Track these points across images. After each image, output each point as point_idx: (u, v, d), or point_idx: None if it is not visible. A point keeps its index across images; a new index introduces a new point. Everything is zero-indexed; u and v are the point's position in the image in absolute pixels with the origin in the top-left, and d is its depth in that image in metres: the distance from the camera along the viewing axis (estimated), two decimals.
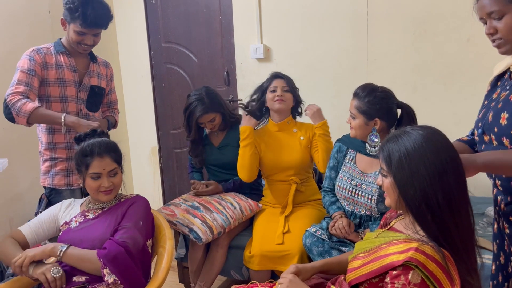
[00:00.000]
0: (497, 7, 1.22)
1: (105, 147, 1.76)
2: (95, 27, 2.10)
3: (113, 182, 1.76)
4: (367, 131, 1.87)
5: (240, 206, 2.31)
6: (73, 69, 2.20)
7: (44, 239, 1.83)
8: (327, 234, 1.97)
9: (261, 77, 2.94)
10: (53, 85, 2.15)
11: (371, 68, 2.80)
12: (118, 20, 3.66)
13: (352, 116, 1.89)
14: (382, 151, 1.21)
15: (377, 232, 1.33)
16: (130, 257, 1.61)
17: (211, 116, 2.41)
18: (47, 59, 2.14)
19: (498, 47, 1.30)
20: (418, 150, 1.13)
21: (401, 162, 1.14)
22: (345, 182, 1.99)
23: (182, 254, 2.43)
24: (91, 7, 2.04)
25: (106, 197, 1.78)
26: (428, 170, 1.11)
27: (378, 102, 1.82)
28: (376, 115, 1.83)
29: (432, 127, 1.21)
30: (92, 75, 2.27)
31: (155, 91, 3.68)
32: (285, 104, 2.27)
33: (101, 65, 2.34)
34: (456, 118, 2.56)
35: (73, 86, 2.20)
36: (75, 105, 2.21)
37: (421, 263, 1.05)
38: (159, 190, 3.84)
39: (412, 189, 1.13)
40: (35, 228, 1.79)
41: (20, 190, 2.90)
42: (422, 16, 2.60)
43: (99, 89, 2.31)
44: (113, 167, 1.76)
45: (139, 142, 3.84)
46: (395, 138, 1.19)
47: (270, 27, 3.06)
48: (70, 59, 2.20)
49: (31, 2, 2.94)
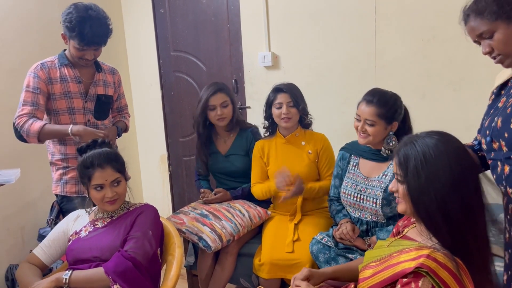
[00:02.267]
0: (485, 27, 1.27)
1: (106, 158, 1.75)
2: (93, 45, 2.09)
3: (116, 192, 1.76)
4: (385, 136, 1.88)
5: (249, 213, 2.30)
6: (78, 81, 2.21)
7: (59, 257, 1.84)
8: (333, 242, 1.96)
9: (269, 84, 2.95)
10: (60, 99, 2.18)
11: (380, 74, 2.79)
12: (128, 29, 3.71)
13: (369, 123, 1.85)
14: (397, 156, 1.18)
15: (389, 241, 1.31)
16: (139, 270, 1.61)
17: (224, 98, 2.39)
18: (51, 74, 2.16)
19: (501, 62, 1.32)
20: (438, 157, 1.09)
21: (417, 169, 1.11)
22: (350, 188, 1.98)
23: (191, 262, 2.43)
24: (89, 25, 2.02)
25: (112, 207, 1.78)
26: (448, 177, 1.07)
27: (396, 105, 1.85)
28: (395, 118, 1.85)
29: (447, 133, 1.18)
30: (98, 84, 2.29)
31: (164, 99, 3.71)
32: (291, 121, 2.26)
33: (107, 73, 2.35)
34: (466, 124, 2.53)
35: (79, 97, 2.21)
36: (82, 116, 2.23)
37: (432, 270, 1.03)
38: (168, 198, 3.85)
39: (427, 198, 1.09)
40: (47, 249, 1.81)
41: (32, 199, 2.93)
42: (431, 23, 2.59)
43: (105, 97, 2.32)
44: (115, 177, 1.75)
45: (148, 150, 3.86)
46: (412, 144, 1.15)
47: (278, 34, 3.07)
48: (74, 70, 2.21)
49: (43, 12, 2.99)
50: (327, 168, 2.29)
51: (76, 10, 2.03)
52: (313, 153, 2.29)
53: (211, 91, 2.38)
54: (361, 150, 2.00)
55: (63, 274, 1.60)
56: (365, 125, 1.86)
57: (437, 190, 1.08)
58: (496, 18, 1.25)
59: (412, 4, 2.63)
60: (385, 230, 1.88)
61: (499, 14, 1.25)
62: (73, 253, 1.72)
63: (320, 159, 2.30)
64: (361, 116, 1.86)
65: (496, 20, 1.25)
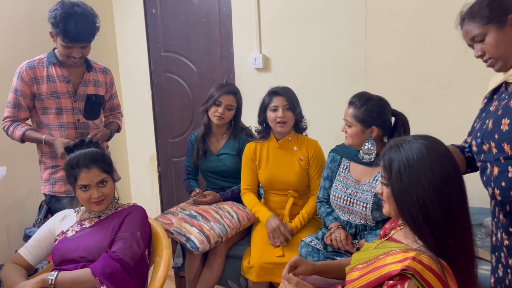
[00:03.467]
0: (477, 31, 1.32)
1: (91, 158, 1.73)
2: (77, 42, 2.06)
3: (103, 192, 1.74)
4: (363, 139, 1.88)
5: (237, 215, 2.30)
6: (66, 80, 2.18)
7: (45, 257, 1.82)
8: (322, 244, 1.97)
9: (260, 86, 2.96)
10: (47, 98, 2.16)
11: (370, 78, 2.81)
12: (118, 28, 3.68)
13: (348, 124, 1.89)
14: (382, 160, 1.20)
15: (376, 243, 1.32)
16: (127, 271, 1.60)
17: (232, 102, 2.41)
18: (37, 73, 2.14)
19: (491, 66, 1.36)
20: (421, 161, 1.12)
21: (400, 172, 1.13)
22: (340, 191, 1.99)
23: (179, 263, 2.41)
24: (74, 21, 1.99)
25: (98, 208, 1.76)
26: (429, 180, 1.10)
27: (375, 110, 1.83)
28: (373, 123, 1.84)
29: (433, 137, 1.20)
30: (88, 84, 2.26)
31: (154, 99, 3.69)
32: (287, 125, 2.24)
33: (99, 72, 2.33)
34: (454, 128, 2.56)
35: (67, 97, 2.19)
36: (71, 116, 2.21)
37: (418, 272, 1.04)
38: (157, 199, 3.83)
39: (410, 200, 1.12)
40: (33, 248, 1.79)
41: (18, 198, 2.89)
42: (420, 28, 2.62)
43: (96, 97, 2.29)
44: (101, 178, 1.74)
45: (137, 150, 3.84)
46: (397, 147, 1.17)
47: (269, 37, 3.08)
48: (62, 70, 2.18)
49: (33, 10, 2.96)
50: (317, 176, 2.27)
51: (62, 7, 2.01)
52: (304, 160, 2.28)
53: (226, 90, 2.40)
54: (352, 153, 2.01)
55: (49, 275, 1.59)
56: (346, 125, 1.91)
57: (418, 192, 1.10)
58: (487, 22, 1.30)
59: (403, 9, 2.66)
60: (374, 233, 1.89)
61: (490, 18, 1.30)
62: (59, 253, 1.70)
63: (310, 167, 2.29)
64: (344, 116, 1.91)
65: (488, 24, 1.30)
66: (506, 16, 1.29)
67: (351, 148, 1.98)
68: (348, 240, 1.92)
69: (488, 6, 1.30)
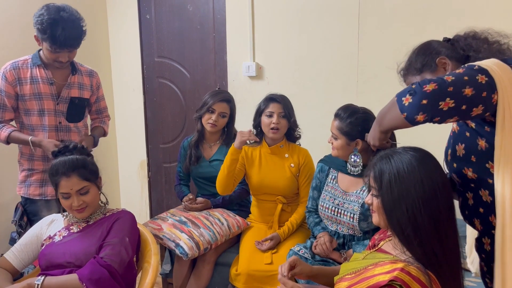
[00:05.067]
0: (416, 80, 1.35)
1: (71, 165, 1.68)
2: (65, 47, 2.05)
3: (84, 201, 1.70)
4: (349, 151, 1.89)
5: (227, 222, 2.30)
6: (49, 82, 2.17)
7: (31, 262, 1.79)
8: (310, 253, 1.97)
9: (252, 94, 2.97)
10: (29, 100, 2.15)
11: (362, 88, 2.84)
12: (112, 33, 3.68)
13: (333, 136, 1.92)
14: (373, 170, 1.21)
15: (364, 253, 1.33)
16: (114, 278, 1.58)
17: (226, 109, 2.42)
18: (21, 74, 2.13)
19: None
20: (411, 173, 1.13)
21: (390, 184, 1.15)
22: (328, 201, 2.00)
23: (167, 270, 2.40)
24: (61, 27, 1.98)
25: (80, 215, 1.73)
26: (418, 192, 1.11)
27: (359, 124, 1.85)
28: (358, 136, 1.85)
29: (423, 149, 1.21)
30: (72, 87, 2.25)
31: (146, 105, 3.68)
32: (279, 132, 2.26)
33: (84, 75, 2.31)
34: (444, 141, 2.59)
35: (50, 99, 2.18)
36: (53, 118, 2.20)
37: (406, 284, 1.05)
38: (147, 204, 3.81)
39: (399, 212, 1.13)
40: (19, 253, 1.76)
41: (3, 201, 2.85)
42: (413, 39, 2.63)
43: (79, 100, 2.28)
44: (81, 186, 1.69)
45: (128, 155, 3.82)
46: (387, 159, 1.19)
47: (263, 45, 3.10)
48: (47, 72, 2.17)
49: (25, 10, 2.94)
50: (306, 184, 2.29)
51: (48, 12, 1.99)
52: (295, 166, 2.30)
53: (221, 98, 2.41)
54: (340, 164, 2.02)
55: (35, 280, 1.55)
56: (332, 137, 1.93)
57: (408, 204, 1.12)
58: (421, 71, 1.40)
59: (395, 21, 2.69)
60: (362, 244, 1.90)
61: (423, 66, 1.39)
62: (46, 258, 1.68)
63: (301, 174, 2.30)
64: (330, 128, 1.93)
65: (422, 73, 1.39)
66: (434, 61, 1.37)
67: (338, 159, 2.00)
68: (332, 244, 1.94)
69: (418, 58, 1.41)
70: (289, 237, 2.25)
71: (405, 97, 1.17)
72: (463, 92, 1.10)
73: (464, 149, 1.29)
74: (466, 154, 1.28)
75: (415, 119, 1.14)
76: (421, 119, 1.14)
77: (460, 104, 1.11)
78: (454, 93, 1.10)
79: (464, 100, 1.11)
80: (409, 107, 1.14)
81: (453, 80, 1.12)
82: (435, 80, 1.13)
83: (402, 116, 1.16)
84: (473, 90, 1.10)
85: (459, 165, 1.32)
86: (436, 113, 1.12)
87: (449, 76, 1.13)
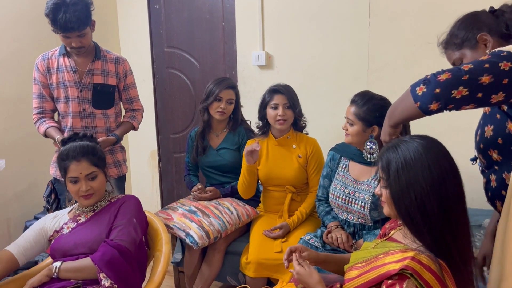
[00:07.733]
0: (455, 56, 1.38)
1: (81, 150, 1.73)
2: (67, 31, 2.07)
3: (92, 186, 1.73)
4: (364, 138, 1.87)
5: (237, 211, 2.31)
6: (72, 70, 2.23)
7: (34, 255, 1.78)
8: (320, 242, 1.98)
9: (262, 84, 2.96)
10: (57, 88, 2.25)
11: (372, 77, 2.81)
12: (122, 24, 3.68)
13: (349, 122, 1.90)
14: (381, 161, 1.21)
15: (375, 242, 1.33)
16: (125, 258, 1.60)
17: (232, 96, 2.44)
18: (50, 64, 2.24)
19: None
20: (418, 160, 1.13)
21: (398, 172, 1.14)
22: (339, 190, 1.99)
23: (178, 258, 2.42)
24: (62, 11, 2.01)
25: (87, 202, 1.75)
26: (426, 179, 1.10)
27: (377, 110, 1.83)
28: (375, 122, 1.84)
29: (430, 136, 1.20)
30: (95, 73, 2.27)
31: (156, 95, 3.69)
32: (286, 123, 2.25)
33: (110, 62, 2.33)
34: (456, 130, 2.57)
35: (74, 86, 2.25)
36: (77, 105, 2.26)
37: (417, 272, 1.05)
38: (158, 194, 3.84)
39: (407, 200, 1.12)
40: (23, 245, 1.74)
41: (18, 191, 2.90)
42: (424, 28, 2.62)
43: (103, 86, 2.30)
44: (90, 171, 1.73)
45: (138, 145, 3.84)
46: (394, 148, 1.18)
47: (272, 35, 3.08)
48: (70, 60, 2.24)
49: (35, 3, 2.95)
50: (315, 173, 2.29)
51: None
52: (303, 157, 2.29)
53: (226, 85, 2.42)
54: (352, 153, 2.01)
55: (53, 263, 1.61)
56: (347, 123, 1.91)
57: (416, 191, 1.11)
58: (461, 46, 1.37)
59: (406, 10, 2.65)
60: (372, 233, 1.90)
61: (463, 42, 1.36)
62: (60, 252, 1.68)
63: (309, 164, 2.30)
64: (346, 114, 1.91)
65: (462, 49, 1.36)
66: (475, 37, 1.33)
67: (350, 147, 1.99)
68: (349, 242, 1.93)
69: (459, 32, 1.37)
70: (299, 226, 2.25)
71: (419, 87, 1.18)
72: (479, 80, 1.10)
73: (492, 130, 1.29)
74: (493, 135, 1.28)
75: (428, 107, 1.15)
76: (435, 108, 1.14)
77: (475, 92, 1.11)
78: (468, 81, 1.10)
79: (479, 88, 1.10)
80: (422, 96, 1.15)
81: (471, 68, 1.12)
82: (450, 69, 1.14)
83: (416, 105, 1.17)
84: (492, 77, 1.10)
85: (485, 146, 1.32)
86: (449, 101, 1.12)
87: (468, 65, 1.13)
